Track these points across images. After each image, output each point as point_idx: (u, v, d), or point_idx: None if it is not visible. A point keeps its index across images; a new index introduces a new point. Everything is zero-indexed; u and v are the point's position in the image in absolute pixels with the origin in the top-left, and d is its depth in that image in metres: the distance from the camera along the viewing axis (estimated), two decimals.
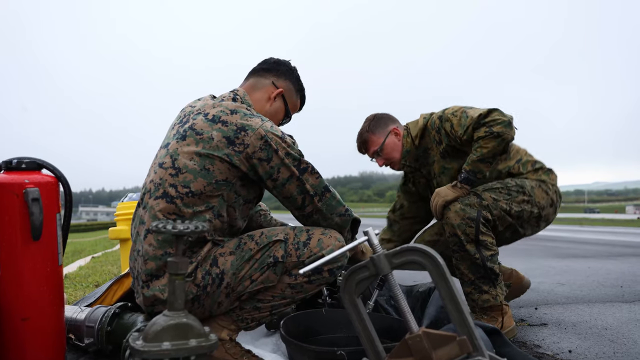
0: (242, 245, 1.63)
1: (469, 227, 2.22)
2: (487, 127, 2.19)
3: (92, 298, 2.06)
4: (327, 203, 1.70)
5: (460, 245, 2.24)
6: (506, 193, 2.33)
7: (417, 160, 2.60)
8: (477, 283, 2.25)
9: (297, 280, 1.64)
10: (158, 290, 1.57)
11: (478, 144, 2.22)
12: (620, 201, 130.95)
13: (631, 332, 2.31)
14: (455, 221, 2.24)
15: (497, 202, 2.29)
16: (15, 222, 1.47)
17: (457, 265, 2.29)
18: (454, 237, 2.25)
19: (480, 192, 2.30)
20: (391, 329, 1.80)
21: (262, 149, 1.58)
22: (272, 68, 1.89)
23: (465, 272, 2.26)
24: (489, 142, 2.19)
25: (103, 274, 4.66)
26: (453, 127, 2.34)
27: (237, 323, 1.69)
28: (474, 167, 2.24)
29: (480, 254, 2.23)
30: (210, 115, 1.64)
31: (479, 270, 2.23)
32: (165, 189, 1.59)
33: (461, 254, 2.25)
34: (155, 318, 1.24)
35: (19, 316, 1.49)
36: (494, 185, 2.35)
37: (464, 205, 2.23)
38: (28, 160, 1.54)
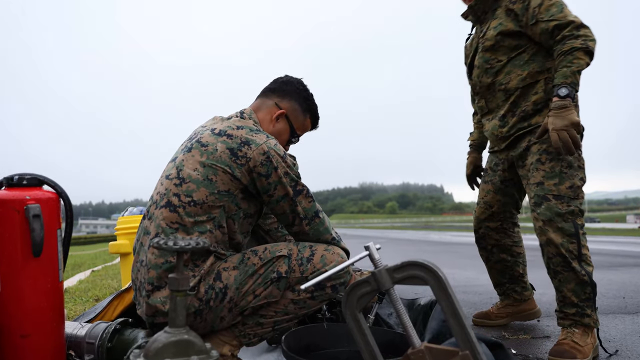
0: (246, 260, 1.64)
1: (571, 244, 2.07)
2: (582, 41, 1.99)
3: (93, 314, 2.05)
4: (314, 228, 1.74)
5: (565, 265, 2.08)
6: (567, 166, 2.11)
7: (485, 12, 2.39)
8: (582, 306, 2.08)
9: (300, 296, 1.65)
10: (159, 302, 1.57)
11: (573, 56, 1.99)
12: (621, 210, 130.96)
13: (635, 344, 2.29)
14: (558, 240, 2.08)
15: (575, 187, 2.10)
16: (16, 239, 1.47)
17: (558, 288, 2.13)
18: (558, 257, 2.09)
19: (555, 191, 2.10)
20: (392, 344, 1.79)
21: (263, 164, 1.61)
22: (278, 88, 1.90)
23: (569, 294, 2.09)
24: (584, 56, 1.99)
25: (103, 288, 4.64)
26: (540, 8, 2.11)
27: (239, 339, 1.68)
28: (575, 79, 1.99)
29: (586, 270, 2.07)
30: (217, 130, 1.69)
31: (584, 291, 2.07)
32: (169, 198, 1.62)
33: (566, 275, 2.09)
34: (156, 335, 1.24)
35: (19, 333, 1.48)
36: (553, 169, 2.12)
37: (561, 223, 2.07)
38: (29, 176, 1.55)
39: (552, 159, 2.13)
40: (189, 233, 1.58)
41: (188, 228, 1.58)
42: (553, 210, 2.09)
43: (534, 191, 2.17)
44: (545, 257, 2.16)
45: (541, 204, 2.13)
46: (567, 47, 2.01)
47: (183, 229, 1.58)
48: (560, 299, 2.14)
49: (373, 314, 2.00)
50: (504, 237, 2.63)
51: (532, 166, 2.20)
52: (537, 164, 2.17)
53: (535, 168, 2.18)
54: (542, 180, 2.14)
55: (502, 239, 2.62)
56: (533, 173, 2.19)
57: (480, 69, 2.36)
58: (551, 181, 2.12)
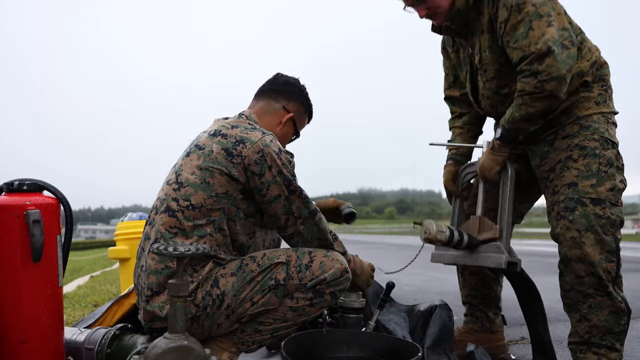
0: (244, 267, 1.63)
1: (610, 263, 1.76)
2: (538, 82, 1.68)
3: (92, 319, 2.05)
4: (309, 228, 1.71)
5: (600, 288, 1.75)
6: (607, 165, 1.79)
7: (466, 25, 1.94)
8: (611, 339, 1.77)
9: (299, 303, 1.64)
10: (157, 307, 1.57)
11: (522, 100, 1.73)
12: None
13: (634, 350, 2.29)
14: (595, 257, 1.74)
15: (616, 190, 1.79)
16: (16, 244, 1.47)
17: (586, 316, 1.78)
18: (592, 278, 1.75)
19: (594, 194, 1.76)
20: (393, 350, 1.79)
21: (257, 163, 1.61)
22: (283, 90, 1.89)
23: (598, 324, 1.76)
24: (538, 101, 1.71)
25: (102, 294, 4.63)
26: (506, 27, 1.76)
27: (238, 345, 1.67)
28: (516, 126, 1.78)
29: (622, 297, 1.79)
30: (213, 130, 1.70)
31: (618, 322, 1.77)
32: (168, 203, 1.62)
33: (599, 300, 1.76)
34: (156, 340, 1.24)
35: (18, 339, 1.48)
36: (589, 167, 1.78)
37: (601, 234, 1.75)
38: (29, 182, 1.55)
39: (586, 155, 1.79)
40: (189, 237, 1.58)
41: (187, 232, 1.58)
42: (591, 217, 1.75)
43: (564, 194, 1.81)
44: (570, 275, 1.80)
45: (574, 210, 1.77)
46: (520, 86, 1.75)
47: (182, 233, 1.58)
48: (586, 330, 1.79)
49: (374, 320, 1.99)
50: None
51: (559, 165, 1.85)
52: (566, 162, 1.83)
53: (565, 167, 1.83)
54: (576, 180, 1.79)
55: None
56: (563, 173, 1.83)
57: (491, 99, 1.99)
58: (587, 182, 1.77)
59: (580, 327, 1.81)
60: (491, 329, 2.25)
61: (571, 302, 1.83)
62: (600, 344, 1.78)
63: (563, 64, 1.67)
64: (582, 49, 1.87)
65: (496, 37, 1.85)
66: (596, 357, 1.78)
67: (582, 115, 1.85)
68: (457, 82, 2.23)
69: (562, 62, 1.67)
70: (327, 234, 1.75)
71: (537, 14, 1.71)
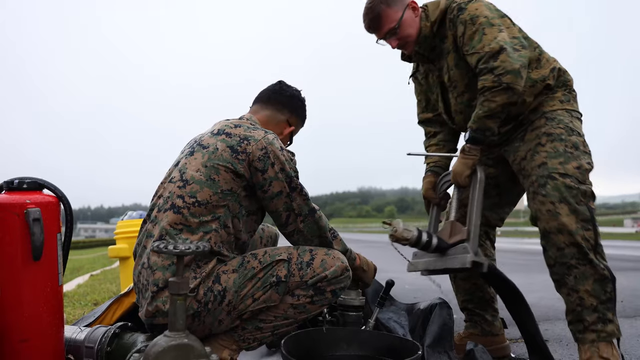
0: (245, 264, 1.64)
1: (587, 231, 1.78)
2: (495, 76, 1.80)
3: (92, 318, 2.05)
4: (309, 226, 1.74)
5: (581, 257, 1.77)
6: (573, 147, 1.87)
7: (433, 49, 2.10)
8: (602, 309, 1.77)
9: (300, 300, 1.65)
10: (161, 301, 1.57)
11: (484, 97, 1.83)
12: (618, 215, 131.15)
13: (634, 348, 2.30)
14: (572, 225, 1.77)
15: (583, 169, 1.84)
16: (16, 242, 1.47)
17: (574, 288, 1.80)
18: (573, 248, 1.78)
19: (562, 169, 1.83)
20: (392, 348, 1.80)
21: (260, 159, 1.65)
22: (289, 103, 1.96)
23: (586, 295, 1.78)
24: (497, 94, 1.80)
25: (102, 292, 4.63)
26: (464, 39, 1.93)
27: (239, 343, 1.68)
28: (481, 124, 1.86)
29: (605, 264, 1.80)
30: (216, 130, 1.74)
31: (604, 290, 1.78)
32: (173, 200, 1.64)
33: (582, 269, 1.78)
34: (156, 339, 1.24)
35: (18, 337, 1.48)
36: (557, 149, 1.87)
37: (574, 204, 1.78)
38: (29, 180, 1.55)
39: (554, 140, 1.90)
40: (194, 233, 1.59)
41: (193, 229, 1.60)
42: (562, 188, 1.80)
43: (535, 174, 1.89)
44: (552, 249, 1.83)
45: (546, 184, 1.84)
46: (480, 84, 1.85)
47: (188, 229, 1.60)
48: (576, 302, 1.81)
49: (373, 318, 2.00)
50: None
51: (529, 152, 1.94)
52: (536, 147, 1.93)
53: (535, 152, 1.92)
54: (545, 160, 1.87)
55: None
56: (533, 157, 1.92)
57: (464, 113, 2.09)
58: (555, 160, 1.86)
59: (571, 301, 1.82)
60: (492, 332, 2.25)
61: (558, 277, 1.85)
62: (594, 319, 1.78)
63: (515, 60, 1.81)
64: (541, 59, 2.02)
65: (459, 57, 2.00)
66: (595, 335, 1.78)
67: (548, 111, 1.98)
68: (429, 105, 2.35)
69: (514, 59, 1.81)
70: (327, 232, 1.77)
71: (488, 23, 1.88)
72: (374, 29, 2.07)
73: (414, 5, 2.07)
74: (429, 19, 2.06)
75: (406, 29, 2.04)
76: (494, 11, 1.94)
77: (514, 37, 1.89)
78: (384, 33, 2.05)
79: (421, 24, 2.06)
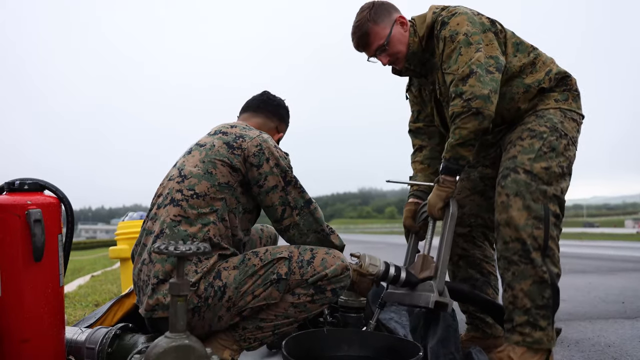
0: (247, 261, 1.66)
1: (537, 229, 1.76)
2: (464, 101, 1.77)
3: (93, 319, 2.05)
4: (305, 218, 1.77)
5: (523, 255, 1.76)
6: (549, 148, 1.85)
7: (423, 65, 2.08)
8: (534, 313, 1.75)
9: (300, 299, 1.67)
10: (162, 294, 1.58)
11: (455, 124, 1.80)
12: (619, 215, 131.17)
13: (635, 349, 2.29)
14: (520, 220, 1.76)
15: (551, 171, 1.82)
16: (17, 243, 1.47)
17: (510, 284, 1.80)
18: (517, 243, 1.76)
19: (528, 166, 1.81)
20: (393, 349, 1.80)
21: (255, 155, 1.71)
22: (276, 111, 2.07)
23: (520, 295, 1.77)
24: (467, 121, 1.77)
25: (103, 293, 4.63)
26: (443, 57, 1.91)
27: (240, 343, 1.69)
28: (454, 153, 1.82)
29: (548, 268, 1.77)
30: (213, 131, 1.83)
31: (542, 294, 1.76)
32: (173, 195, 1.68)
33: (522, 268, 1.76)
34: (157, 340, 1.24)
35: (19, 338, 1.49)
36: (532, 146, 1.85)
37: (529, 200, 1.77)
38: (30, 181, 1.56)
39: (534, 136, 1.88)
40: (192, 225, 1.62)
41: (192, 220, 1.63)
42: (521, 183, 1.79)
43: (503, 165, 1.89)
44: (499, 241, 1.83)
45: (508, 176, 1.83)
46: (450, 110, 1.83)
47: (186, 221, 1.63)
48: (509, 300, 1.80)
49: (374, 319, 2.00)
50: (472, 247, 2.23)
51: (510, 144, 1.94)
52: (516, 141, 1.92)
53: (513, 145, 1.91)
54: (516, 154, 1.87)
55: (470, 249, 2.23)
56: (509, 150, 1.91)
57: None
58: (526, 156, 1.84)
59: (506, 297, 1.81)
60: (493, 334, 2.23)
61: (500, 271, 1.84)
62: (523, 321, 1.76)
63: (486, 84, 1.77)
64: (536, 63, 1.99)
65: None
66: (521, 338, 1.76)
67: (540, 109, 1.97)
68: (420, 116, 2.31)
69: (485, 83, 1.77)
70: (323, 224, 1.80)
71: (466, 42, 1.84)
72: (362, 47, 2.06)
73: (402, 21, 2.04)
74: (417, 34, 2.03)
75: (396, 45, 2.02)
76: (477, 24, 1.90)
77: (491, 56, 1.85)
78: (373, 51, 2.04)
79: (409, 40, 2.03)
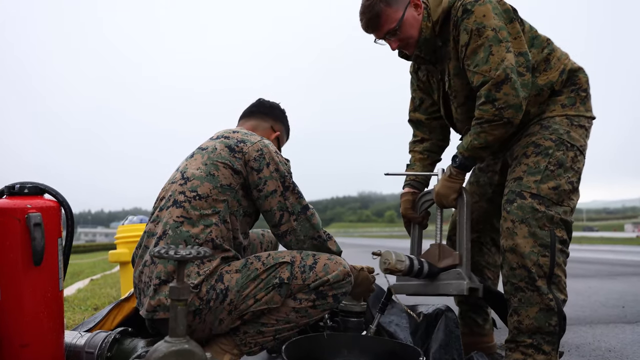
0: (249, 265, 1.66)
1: (542, 257, 1.73)
2: (496, 109, 1.73)
3: (92, 323, 2.04)
4: (302, 224, 1.77)
5: (529, 282, 1.74)
6: (556, 165, 1.80)
7: (434, 52, 1.99)
8: (539, 338, 1.74)
9: (302, 304, 1.66)
10: (164, 295, 1.58)
11: (482, 128, 1.77)
12: (619, 219, 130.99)
13: (636, 354, 2.29)
14: (526, 248, 1.74)
15: (560, 190, 1.78)
16: (17, 247, 1.47)
17: (516, 310, 1.79)
18: (523, 270, 1.75)
19: (534, 189, 1.78)
20: (394, 353, 1.79)
21: (256, 159, 1.73)
22: (270, 112, 2.10)
23: (527, 321, 1.75)
24: (496, 128, 1.75)
25: (102, 297, 4.62)
26: (466, 50, 1.81)
27: (240, 347, 1.68)
28: (474, 153, 1.82)
29: (555, 296, 1.74)
30: (215, 135, 1.87)
31: (548, 322, 1.73)
32: (175, 197, 1.69)
33: (528, 295, 1.75)
34: (156, 344, 1.24)
35: (19, 342, 1.48)
36: (538, 165, 1.81)
37: (535, 227, 1.75)
38: (30, 185, 1.55)
39: (539, 153, 1.83)
40: (195, 226, 1.63)
41: (194, 221, 1.64)
42: (527, 209, 1.77)
43: (509, 187, 1.86)
44: (506, 267, 1.82)
45: (514, 201, 1.80)
46: (478, 113, 1.79)
47: (189, 222, 1.63)
48: (514, 325, 1.80)
49: (375, 324, 1.99)
50: (477, 254, 2.25)
51: (515, 161, 1.90)
52: (521, 158, 1.87)
53: (519, 163, 1.87)
54: (522, 175, 1.83)
55: (475, 256, 2.23)
56: (515, 168, 1.88)
57: (465, 123, 2.03)
58: (532, 177, 1.80)
59: (511, 322, 1.81)
60: (480, 332, 2.27)
61: (507, 296, 1.84)
62: (528, 343, 1.76)
63: (519, 92, 1.73)
64: (551, 59, 1.91)
65: (460, 66, 1.89)
66: (522, 357, 1.77)
67: (545, 117, 1.90)
68: (422, 106, 2.26)
69: (518, 90, 1.73)
70: (320, 230, 1.80)
71: (496, 39, 1.75)
72: (372, 29, 1.94)
73: (417, 3, 1.92)
74: (431, 18, 1.91)
75: (408, 30, 1.91)
76: (501, 15, 1.81)
77: (520, 53, 1.80)
78: (383, 34, 1.93)
79: (422, 25, 1.92)
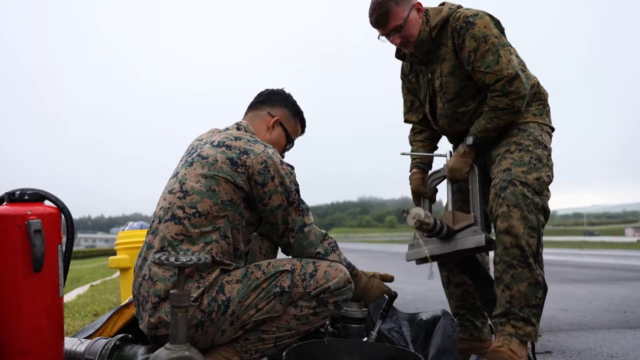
0: (249, 274, 1.65)
1: (531, 238, 1.94)
2: (509, 100, 2.04)
3: (92, 329, 2.04)
4: (298, 242, 1.76)
5: (522, 260, 1.93)
6: (537, 159, 2.06)
7: (427, 53, 2.26)
8: (527, 311, 1.92)
9: (303, 312, 1.66)
10: (164, 312, 1.57)
11: (495, 114, 2.07)
12: (619, 224, 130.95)
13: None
14: (520, 229, 1.93)
15: (541, 181, 2.03)
16: (17, 254, 1.47)
17: (508, 285, 1.95)
18: (516, 249, 1.93)
19: (523, 178, 2.00)
20: (394, 359, 1.78)
21: (261, 173, 1.66)
22: (266, 99, 2.00)
23: (518, 295, 1.92)
24: (507, 115, 2.07)
25: (102, 303, 4.61)
26: (475, 55, 2.08)
27: (241, 354, 1.67)
28: (487, 134, 2.12)
29: (541, 272, 1.96)
30: (216, 142, 1.74)
31: (536, 295, 1.93)
32: (174, 211, 1.64)
33: (520, 271, 1.93)
34: (157, 351, 1.23)
35: (18, 349, 1.48)
36: (522, 159, 2.05)
37: (526, 212, 1.94)
38: (31, 191, 1.56)
39: (522, 149, 2.08)
40: (195, 244, 1.60)
41: (194, 239, 1.60)
42: (519, 195, 1.97)
43: (499, 177, 2.05)
44: (499, 247, 1.99)
45: (506, 188, 2.00)
46: (493, 103, 2.08)
47: (188, 240, 1.60)
48: (506, 299, 1.95)
49: (376, 330, 1.99)
50: None
51: (498, 157, 2.13)
52: (505, 154, 2.11)
53: (503, 157, 2.10)
54: (510, 167, 2.05)
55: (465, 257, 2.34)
56: (500, 162, 2.10)
57: (448, 118, 2.30)
58: (519, 169, 2.03)
59: (503, 297, 1.97)
60: (480, 337, 2.39)
61: (498, 274, 2.00)
62: (519, 315, 1.92)
63: (526, 85, 2.07)
64: (527, 73, 2.20)
65: (458, 65, 2.17)
66: (513, 330, 1.92)
67: (521, 122, 2.19)
68: (414, 107, 2.54)
69: (525, 84, 2.06)
70: (317, 246, 1.77)
71: (501, 44, 2.07)
72: (380, 25, 2.18)
73: (420, 7, 2.21)
74: (429, 23, 2.19)
75: (410, 29, 2.18)
76: (496, 27, 2.12)
77: (516, 56, 2.12)
78: (389, 30, 2.18)
79: (421, 27, 2.19)
